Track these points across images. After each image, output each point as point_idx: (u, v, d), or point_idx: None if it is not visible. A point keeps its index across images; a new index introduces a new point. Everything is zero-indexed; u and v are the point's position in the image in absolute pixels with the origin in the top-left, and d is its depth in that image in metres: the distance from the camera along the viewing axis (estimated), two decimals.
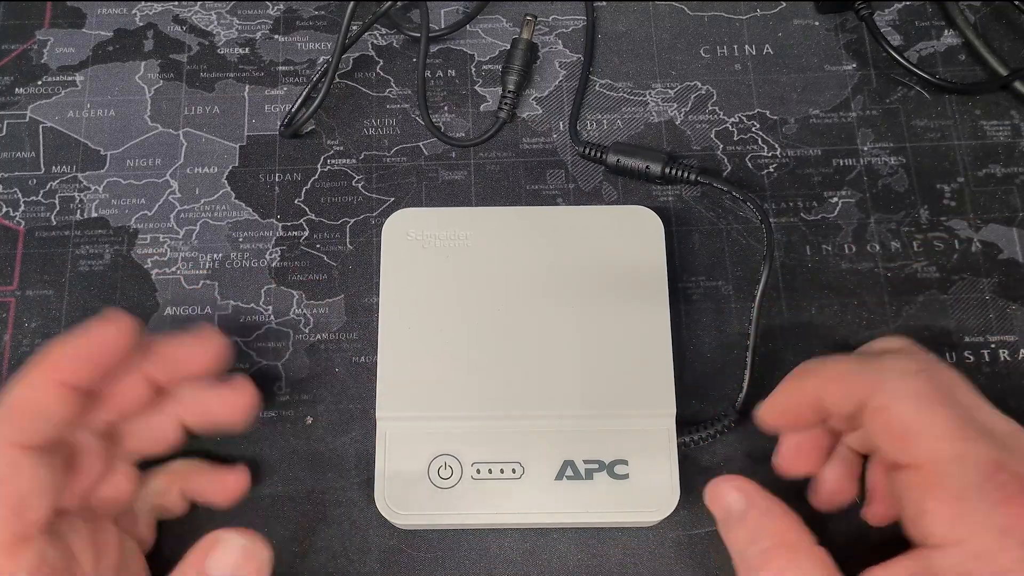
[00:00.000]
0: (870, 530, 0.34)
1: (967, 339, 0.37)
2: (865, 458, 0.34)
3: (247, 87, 0.42)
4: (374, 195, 0.40)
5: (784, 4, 0.43)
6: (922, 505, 0.28)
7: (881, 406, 0.29)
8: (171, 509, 0.34)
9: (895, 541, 0.30)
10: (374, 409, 0.34)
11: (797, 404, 0.32)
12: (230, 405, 0.33)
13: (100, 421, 0.31)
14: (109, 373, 0.31)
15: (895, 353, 0.31)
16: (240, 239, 0.39)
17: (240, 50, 0.42)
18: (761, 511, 0.30)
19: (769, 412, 0.33)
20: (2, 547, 0.27)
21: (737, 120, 0.41)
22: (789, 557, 0.29)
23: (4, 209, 0.40)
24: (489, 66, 0.42)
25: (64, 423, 0.29)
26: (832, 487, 0.34)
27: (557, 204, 0.40)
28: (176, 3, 0.43)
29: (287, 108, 0.41)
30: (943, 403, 0.28)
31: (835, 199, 0.40)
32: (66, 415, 0.29)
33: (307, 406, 0.36)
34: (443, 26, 0.43)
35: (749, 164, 0.40)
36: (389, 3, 0.40)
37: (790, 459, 0.33)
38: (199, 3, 0.43)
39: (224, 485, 0.34)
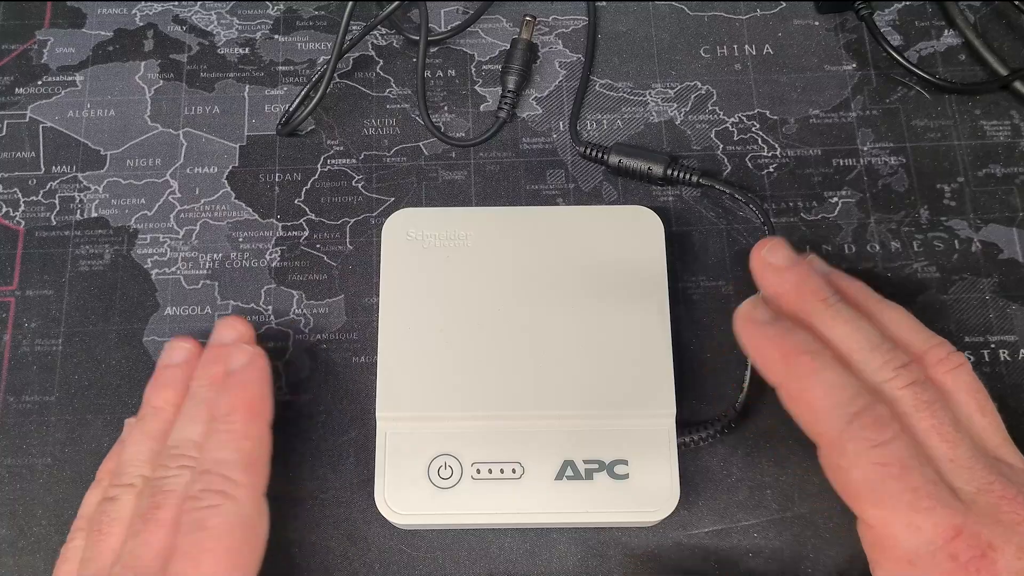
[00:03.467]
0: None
1: (967, 339, 0.37)
2: None
3: (247, 87, 0.42)
4: (374, 195, 0.40)
5: (784, 4, 0.43)
6: (874, 559, 0.28)
7: (839, 466, 0.28)
8: None
9: None
10: (374, 409, 0.34)
11: (759, 364, 0.31)
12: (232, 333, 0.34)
13: None
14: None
15: (869, 414, 0.28)
16: (240, 239, 0.39)
17: (240, 50, 0.42)
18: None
19: (737, 337, 0.32)
20: None
21: (737, 120, 0.41)
22: None
23: (4, 209, 0.40)
24: (489, 66, 0.42)
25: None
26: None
27: (557, 204, 0.40)
28: (176, 3, 0.43)
29: (287, 108, 0.41)
30: (903, 474, 0.27)
31: (835, 199, 0.40)
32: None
33: (307, 406, 0.36)
34: (443, 26, 0.43)
35: (749, 164, 0.40)
36: (390, 8, 0.40)
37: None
38: (199, 3, 0.43)
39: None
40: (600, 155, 0.40)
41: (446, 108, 0.41)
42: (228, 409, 0.32)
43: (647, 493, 0.33)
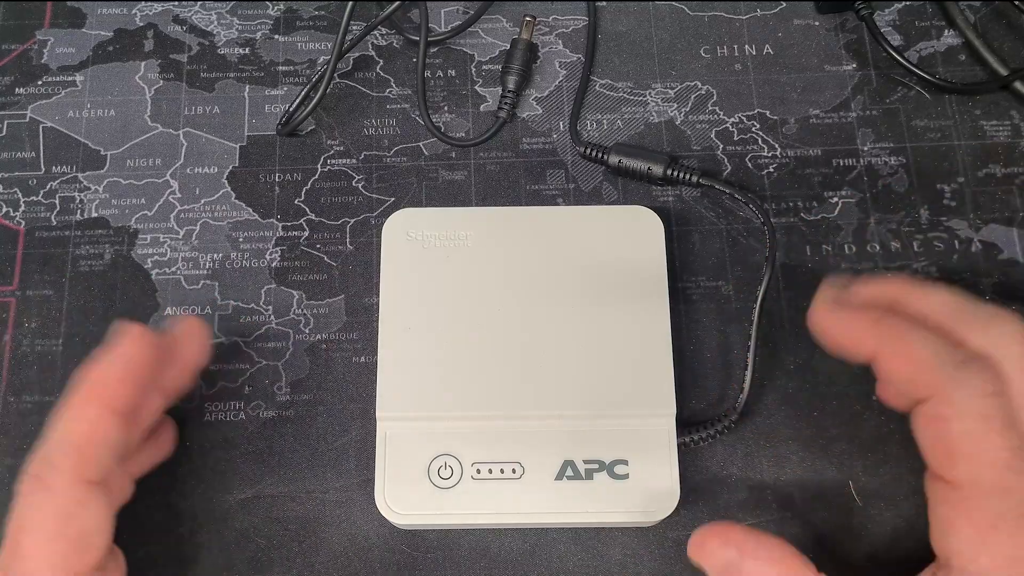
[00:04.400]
0: (860, 549, 0.34)
1: None
2: None
3: (247, 87, 0.42)
4: (374, 195, 0.40)
5: (784, 4, 0.43)
6: (953, 523, 0.27)
7: (940, 416, 0.28)
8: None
9: (918, 550, 0.30)
10: (374, 409, 0.34)
11: (852, 343, 0.30)
12: (189, 342, 0.32)
13: (128, 443, 0.30)
14: (145, 390, 0.30)
15: (979, 363, 0.28)
16: (240, 239, 0.39)
17: (240, 50, 0.42)
18: (760, 561, 0.28)
19: (821, 323, 0.31)
20: None
21: (737, 120, 0.41)
22: None
23: (4, 209, 0.40)
24: (489, 66, 0.42)
25: (119, 452, 0.29)
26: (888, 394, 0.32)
27: (557, 204, 0.40)
28: (176, 3, 0.43)
29: (287, 108, 0.41)
30: (1005, 431, 0.27)
31: (835, 199, 0.40)
32: (120, 443, 0.29)
33: (307, 406, 0.37)
34: (443, 26, 0.43)
35: (749, 164, 0.40)
36: (391, 8, 0.40)
37: (829, 347, 0.32)
38: (199, 3, 0.43)
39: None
40: (600, 155, 0.40)
41: (446, 108, 0.41)
42: (73, 387, 0.29)
43: (647, 493, 0.33)
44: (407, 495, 0.33)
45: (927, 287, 0.31)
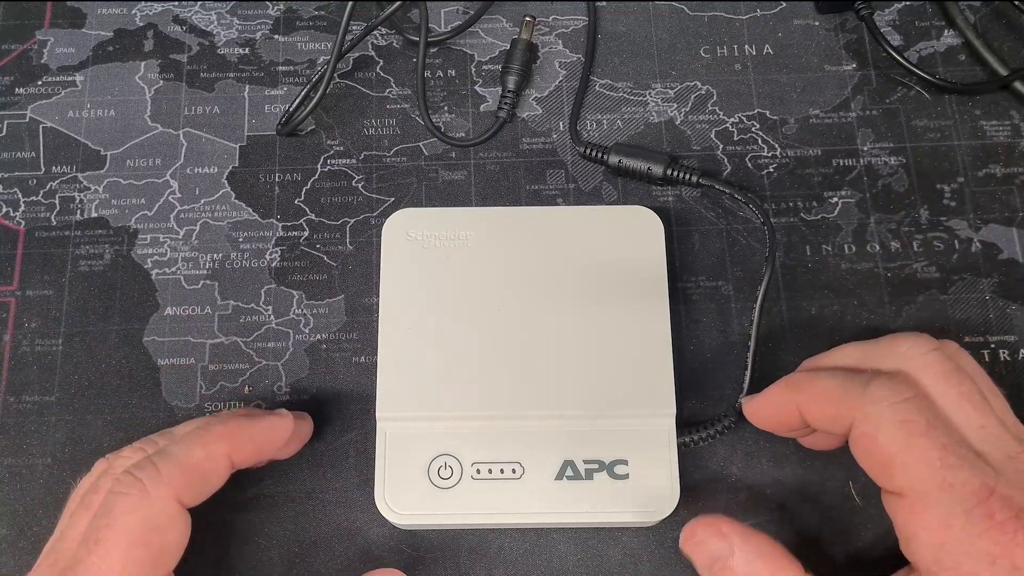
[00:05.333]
0: (860, 549, 0.34)
1: (967, 339, 0.37)
2: None
3: (247, 87, 0.42)
4: (374, 195, 0.40)
5: (784, 4, 0.43)
6: (910, 531, 0.28)
7: (864, 434, 0.28)
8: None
9: (883, 560, 0.30)
10: (374, 409, 0.34)
11: (782, 414, 0.32)
12: (273, 434, 0.33)
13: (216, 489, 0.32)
14: (260, 460, 0.33)
15: (885, 376, 0.29)
16: (240, 239, 0.39)
17: (240, 50, 0.42)
18: (748, 554, 0.29)
19: (753, 413, 0.33)
20: None
21: (737, 120, 0.41)
22: None
23: (4, 209, 0.40)
24: (489, 66, 0.42)
25: (211, 492, 0.31)
26: (820, 441, 0.34)
27: (557, 204, 0.40)
28: (176, 3, 0.43)
29: (287, 108, 0.41)
30: (927, 431, 0.27)
31: (835, 199, 0.40)
32: (217, 488, 0.31)
33: (307, 406, 0.36)
34: (443, 26, 0.43)
35: (749, 164, 0.40)
36: (391, 8, 0.40)
37: (770, 429, 0.34)
38: (199, 3, 0.43)
39: (282, 429, 0.33)
40: (600, 155, 0.40)
41: (446, 108, 0.41)
42: (215, 418, 0.31)
43: (647, 493, 0.33)
44: (407, 495, 0.33)
45: (831, 351, 0.33)
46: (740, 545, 0.29)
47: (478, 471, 0.34)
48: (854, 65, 0.42)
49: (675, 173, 0.39)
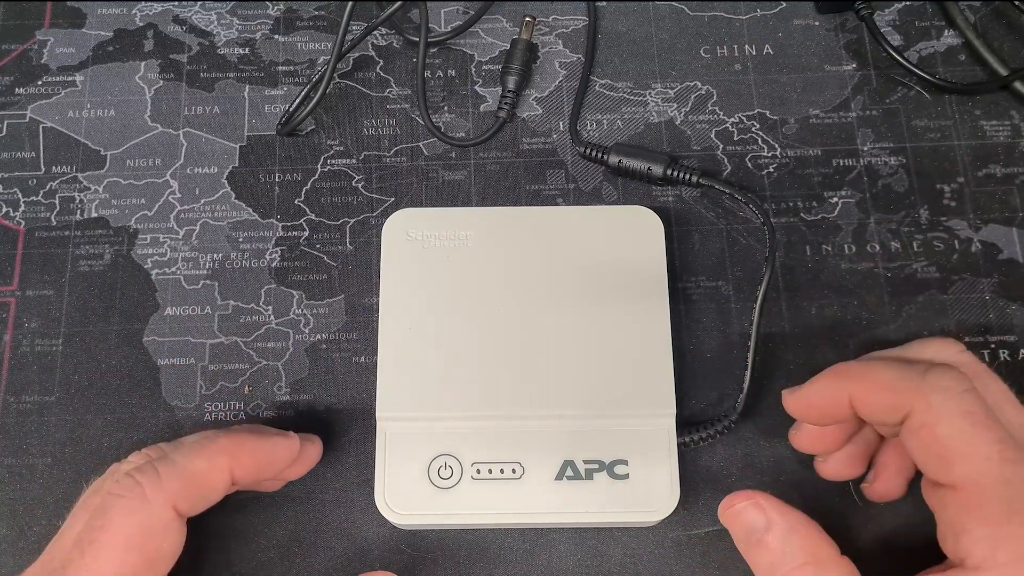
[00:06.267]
0: (893, 537, 0.34)
1: (967, 339, 0.37)
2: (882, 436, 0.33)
3: (247, 87, 0.42)
4: (374, 195, 0.40)
5: (784, 4, 0.43)
6: (962, 525, 0.27)
7: (924, 424, 0.28)
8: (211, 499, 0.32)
9: (917, 550, 0.29)
10: (374, 409, 0.34)
11: (830, 404, 0.31)
12: (275, 454, 0.32)
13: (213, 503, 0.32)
14: (262, 479, 0.33)
15: (942, 366, 0.29)
16: (240, 239, 0.39)
17: (240, 50, 0.42)
18: (785, 528, 0.29)
19: (797, 404, 0.32)
20: None
21: (737, 120, 0.41)
22: (820, 574, 0.28)
23: (4, 209, 0.40)
24: (489, 66, 0.42)
25: (210, 504, 0.31)
26: (842, 467, 0.33)
27: (557, 204, 0.40)
28: (176, 3, 0.43)
29: (287, 108, 0.41)
30: (989, 424, 0.27)
31: (835, 199, 0.40)
32: (216, 501, 0.31)
33: (307, 406, 0.37)
34: (443, 26, 0.43)
35: (749, 164, 0.40)
36: (391, 9, 0.40)
37: (808, 442, 0.33)
38: (199, 3, 0.43)
39: (289, 451, 0.33)
40: (600, 155, 0.40)
41: (446, 108, 0.41)
42: (221, 431, 0.31)
43: (647, 493, 0.33)
44: (407, 495, 0.33)
45: (859, 359, 0.32)
46: (776, 520, 0.29)
47: (478, 471, 0.34)
48: (854, 65, 0.42)
49: (675, 173, 0.39)
